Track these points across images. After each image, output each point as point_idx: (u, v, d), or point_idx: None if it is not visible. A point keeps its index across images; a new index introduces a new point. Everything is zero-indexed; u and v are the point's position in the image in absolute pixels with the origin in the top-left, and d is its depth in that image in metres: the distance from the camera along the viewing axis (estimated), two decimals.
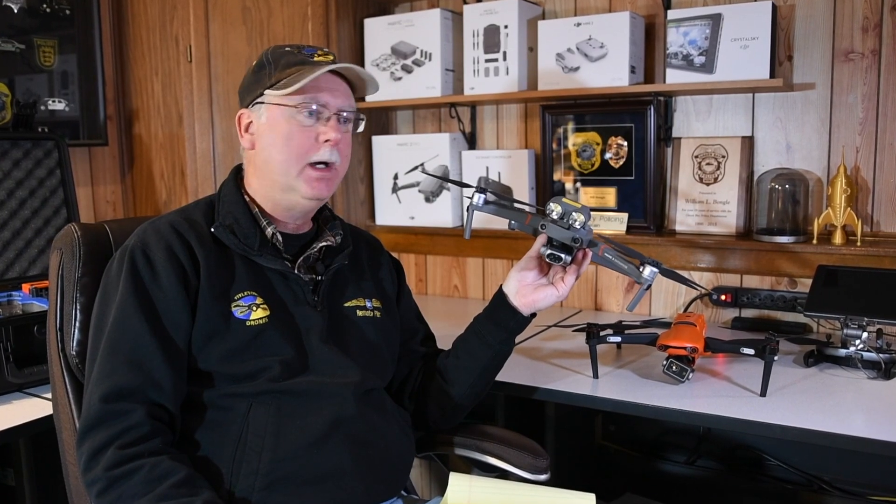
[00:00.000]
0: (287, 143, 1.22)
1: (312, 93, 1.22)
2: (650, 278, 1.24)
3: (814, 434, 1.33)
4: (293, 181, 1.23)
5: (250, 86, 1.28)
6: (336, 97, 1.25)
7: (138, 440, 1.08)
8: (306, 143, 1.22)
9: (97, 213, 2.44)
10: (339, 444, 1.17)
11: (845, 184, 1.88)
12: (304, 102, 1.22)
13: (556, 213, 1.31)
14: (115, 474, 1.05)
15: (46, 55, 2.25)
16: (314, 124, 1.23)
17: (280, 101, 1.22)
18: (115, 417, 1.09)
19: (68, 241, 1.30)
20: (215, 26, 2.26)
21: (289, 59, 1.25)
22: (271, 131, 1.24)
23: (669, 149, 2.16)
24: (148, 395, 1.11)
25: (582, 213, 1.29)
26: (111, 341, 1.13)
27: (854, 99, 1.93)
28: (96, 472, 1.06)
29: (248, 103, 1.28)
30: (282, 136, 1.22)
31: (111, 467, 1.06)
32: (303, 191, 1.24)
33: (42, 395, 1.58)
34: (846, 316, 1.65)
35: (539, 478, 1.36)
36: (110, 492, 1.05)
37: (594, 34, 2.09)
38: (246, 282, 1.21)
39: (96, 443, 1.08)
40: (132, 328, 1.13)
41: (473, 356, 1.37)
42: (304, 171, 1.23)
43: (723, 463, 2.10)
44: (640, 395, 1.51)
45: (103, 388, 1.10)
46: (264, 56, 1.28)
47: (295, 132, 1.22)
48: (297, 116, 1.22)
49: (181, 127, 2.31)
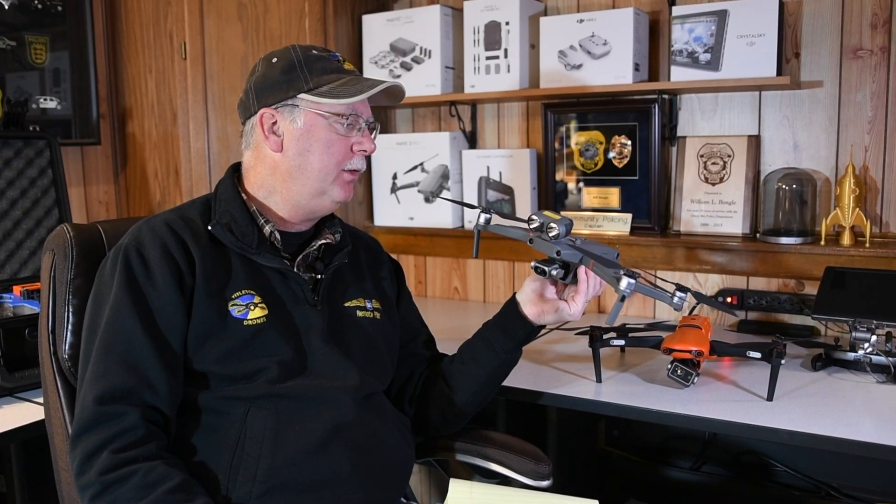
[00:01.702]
0: (327, 151, 1.26)
1: (355, 106, 1.27)
2: (626, 290, 1.22)
3: (822, 439, 1.33)
4: (328, 186, 1.27)
5: (278, 85, 1.26)
6: (366, 108, 1.30)
7: (133, 444, 1.08)
8: (344, 151, 1.27)
9: (90, 214, 2.44)
10: (338, 450, 1.17)
11: (854, 184, 1.88)
12: (348, 114, 1.26)
13: (535, 226, 1.33)
14: (109, 479, 1.05)
15: (38, 52, 2.25)
16: (349, 133, 1.27)
17: (322, 109, 1.25)
18: (109, 420, 1.09)
19: (60, 242, 1.30)
20: (210, 23, 2.26)
21: (323, 64, 1.27)
22: (309, 137, 1.25)
23: (674, 148, 2.16)
24: (143, 397, 1.11)
25: (558, 224, 1.30)
26: (105, 341, 1.13)
27: (863, 97, 1.93)
28: (90, 476, 1.06)
29: (273, 102, 1.26)
30: (322, 144, 1.25)
31: (105, 472, 1.06)
32: (335, 195, 1.28)
33: (34, 400, 1.58)
34: (855, 319, 1.65)
35: (541, 484, 1.36)
36: (104, 496, 1.05)
37: (597, 31, 2.09)
38: (243, 280, 1.22)
39: (90, 446, 1.08)
40: (126, 328, 1.13)
41: (479, 363, 1.37)
42: (340, 177, 1.28)
43: (729, 469, 2.10)
44: (645, 400, 1.51)
45: (97, 390, 1.10)
46: (294, 56, 1.27)
47: (334, 141, 1.26)
48: (335, 125, 1.25)
49: (175, 125, 2.31)
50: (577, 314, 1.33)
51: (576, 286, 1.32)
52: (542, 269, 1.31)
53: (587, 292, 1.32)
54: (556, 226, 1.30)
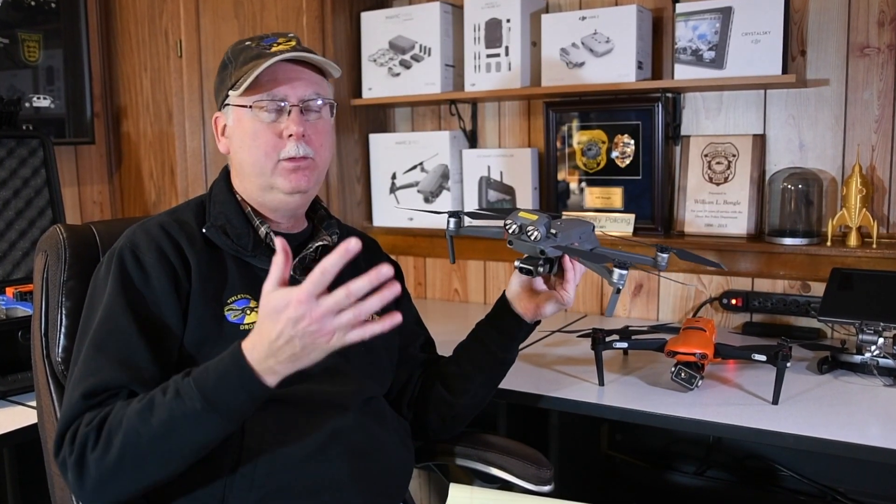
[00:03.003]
0: (254, 143, 1.23)
1: (269, 87, 1.22)
2: (619, 282, 1.23)
3: (828, 443, 1.34)
4: (270, 179, 1.23)
5: (217, 87, 1.29)
6: (296, 87, 1.23)
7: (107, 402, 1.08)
8: (272, 140, 1.22)
9: (83, 214, 2.45)
10: (337, 455, 1.17)
11: (861, 184, 1.88)
12: (259, 100, 1.22)
13: (513, 230, 1.31)
14: (96, 421, 1.04)
15: (31, 50, 2.25)
16: (277, 119, 1.23)
17: (239, 101, 1.23)
18: (94, 409, 1.07)
19: (53, 243, 1.30)
20: (206, 20, 2.26)
21: (246, 54, 1.25)
22: (239, 133, 1.25)
23: (678, 147, 2.16)
24: (135, 392, 1.09)
25: (536, 225, 1.27)
26: (96, 340, 1.12)
27: (870, 95, 1.93)
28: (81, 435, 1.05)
29: (219, 105, 1.30)
30: (248, 136, 1.23)
31: (90, 422, 1.05)
32: (281, 186, 1.23)
33: (26, 404, 1.58)
34: (861, 321, 1.65)
35: (543, 489, 1.36)
36: (101, 438, 1.03)
37: (600, 28, 2.09)
38: (239, 284, 1.21)
39: (74, 427, 1.06)
40: (119, 328, 1.12)
41: (475, 364, 1.37)
42: (278, 166, 1.23)
43: (733, 473, 2.10)
44: (648, 403, 1.51)
45: (85, 386, 1.08)
46: (226, 54, 1.28)
47: (259, 131, 1.22)
48: (259, 114, 1.22)
49: (171, 124, 2.31)
50: (571, 301, 1.34)
51: (562, 275, 1.33)
52: (528, 270, 1.30)
53: (575, 278, 1.33)
54: (534, 229, 1.28)
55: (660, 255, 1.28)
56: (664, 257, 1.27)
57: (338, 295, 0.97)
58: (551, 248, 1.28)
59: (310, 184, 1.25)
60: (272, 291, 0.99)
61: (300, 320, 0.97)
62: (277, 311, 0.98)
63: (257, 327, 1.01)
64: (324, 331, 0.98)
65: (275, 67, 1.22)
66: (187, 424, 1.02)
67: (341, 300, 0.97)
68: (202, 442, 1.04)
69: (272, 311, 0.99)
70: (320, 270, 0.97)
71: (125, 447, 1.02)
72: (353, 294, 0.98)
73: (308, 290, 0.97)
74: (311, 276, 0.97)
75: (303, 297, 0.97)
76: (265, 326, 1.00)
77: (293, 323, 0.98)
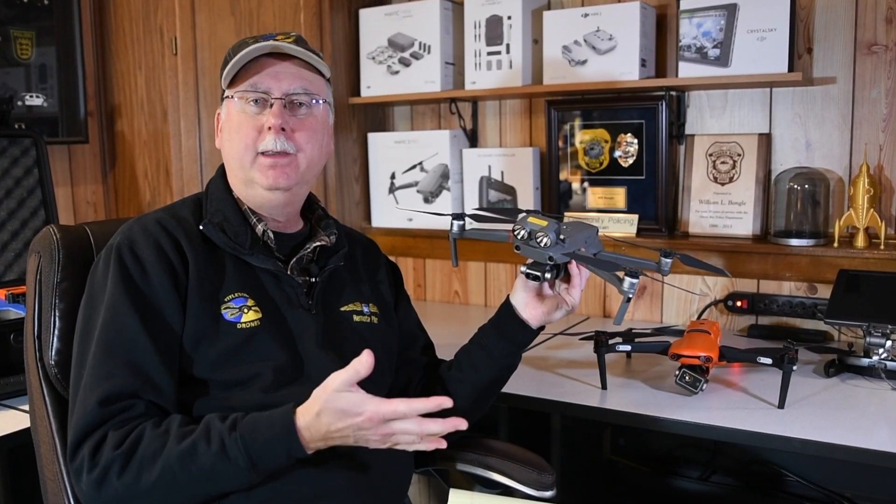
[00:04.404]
0: (237, 135, 1.24)
1: (254, 79, 1.23)
2: (630, 291, 1.22)
3: (835, 448, 1.34)
4: (249, 173, 1.24)
5: (220, 83, 1.31)
6: (281, 81, 1.24)
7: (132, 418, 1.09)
8: (252, 132, 1.23)
9: (77, 215, 2.45)
10: (334, 461, 1.17)
11: (868, 183, 1.88)
12: (243, 91, 1.24)
13: (521, 236, 1.30)
14: (126, 446, 1.06)
15: (23, 47, 2.25)
16: (261, 112, 1.24)
17: (228, 92, 1.26)
18: (113, 416, 1.09)
19: (46, 243, 1.30)
20: (202, 17, 2.26)
21: (241, 48, 1.26)
22: (227, 125, 1.27)
23: (682, 147, 2.17)
24: (148, 398, 1.11)
25: (547, 231, 1.27)
26: (104, 343, 1.12)
27: (877, 94, 1.93)
28: (105, 458, 1.06)
29: (220, 101, 1.32)
30: (234, 128, 1.25)
31: (118, 444, 1.06)
32: (259, 181, 1.24)
33: (19, 408, 1.58)
34: (869, 323, 1.65)
35: (544, 494, 1.36)
36: (129, 465, 1.05)
37: (602, 25, 2.09)
38: (236, 282, 1.21)
39: (95, 440, 1.07)
40: (126, 328, 1.13)
41: (477, 369, 1.37)
42: (257, 160, 1.23)
43: (738, 478, 2.10)
44: (651, 407, 1.52)
45: (101, 392, 1.09)
46: (228, 50, 1.30)
47: (242, 123, 1.24)
48: (245, 107, 1.24)
49: (166, 123, 2.32)
50: (577, 304, 1.35)
51: (569, 280, 1.33)
52: (536, 276, 1.29)
53: (581, 283, 1.34)
54: (544, 235, 1.27)
55: (663, 261, 1.27)
56: (668, 262, 1.27)
57: (408, 425, 1.04)
58: (561, 254, 1.28)
59: (290, 181, 1.24)
60: (342, 391, 1.03)
61: (365, 429, 1.04)
62: (345, 414, 1.03)
63: (315, 412, 1.05)
64: (382, 440, 1.06)
65: (263, 61, 1.24)
66: (227, 478, 1.06)
67: (410, 427, 1.04)
68: (233, 489, 1.10)
69: (339, 412, 1.04)
70: (405, 408, 1.03)
71: (159, 483, 1.05)
72: (414, 413, 1.04)
73: (384, 415, 1.03)
74: (396, 405, 1.03)
75: (376, 419, 1.03)
76: (326, 419, 1.04)
77: (357, 428, 1.04)
